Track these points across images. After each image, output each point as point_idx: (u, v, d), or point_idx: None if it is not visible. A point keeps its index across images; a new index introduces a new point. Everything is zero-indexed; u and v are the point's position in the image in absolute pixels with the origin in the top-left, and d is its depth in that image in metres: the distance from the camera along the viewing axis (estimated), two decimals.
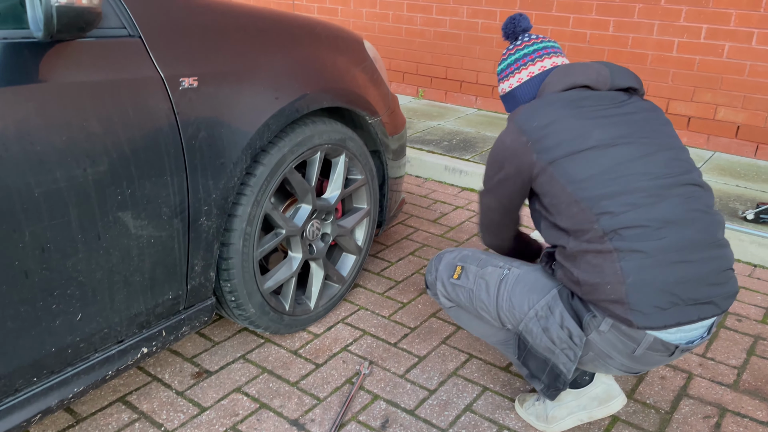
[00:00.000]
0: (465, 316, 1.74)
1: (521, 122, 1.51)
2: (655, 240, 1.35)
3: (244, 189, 1.74)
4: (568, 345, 1.49)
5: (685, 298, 1.36)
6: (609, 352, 1.48)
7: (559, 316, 1.50)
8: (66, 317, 1.39)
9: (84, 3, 1.15)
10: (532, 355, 1.56)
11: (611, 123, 1.45)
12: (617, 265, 1.35)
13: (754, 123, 3.63)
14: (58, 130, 1.27)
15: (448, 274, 1.72)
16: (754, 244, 2.64)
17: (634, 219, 1.36)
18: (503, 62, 1.72)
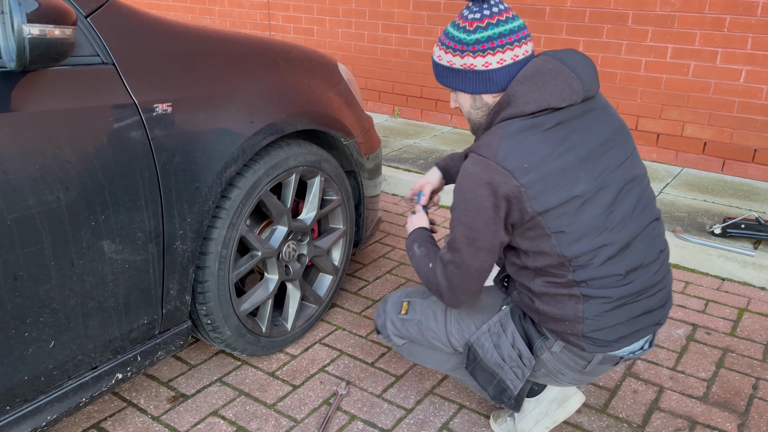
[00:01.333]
0: (417, 350, 1.74)
1: (508, 163, 1.31)
2: (621, 287, 1.39)
3: (220, 212, 1.75)
4: (518, 364, 1.53)
5: (635, 329, 1.44)
6: (561, 369, 1.52)
7: (510, 335, 1.53)
8: (39, 345, 1.38)
9: (57, 34, 1.16)
10: (481, 368, 1.59)
11: (593, 161, 1.37)
12: (579, 307, 1.39)
13: (720, 139, 3.74)
14: (31, 157, 1.28)
15: (396, 311, 1.73)
16: (721, 258, 2.71)
17: (607, 271, 1.37)
18: (481, 31, 1.38)
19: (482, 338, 1.57)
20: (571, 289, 1.39)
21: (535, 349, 1.51)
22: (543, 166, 1.32)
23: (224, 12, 5.94)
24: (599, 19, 3.90)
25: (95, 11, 1.45)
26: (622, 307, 1.40)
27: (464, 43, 1.40)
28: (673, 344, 2.22)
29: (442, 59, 1.46)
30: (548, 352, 1.49)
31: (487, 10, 1.38)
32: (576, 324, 1.41)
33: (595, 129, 1.40)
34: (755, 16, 3.43)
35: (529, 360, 1.52)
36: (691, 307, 2.47)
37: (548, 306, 1.43)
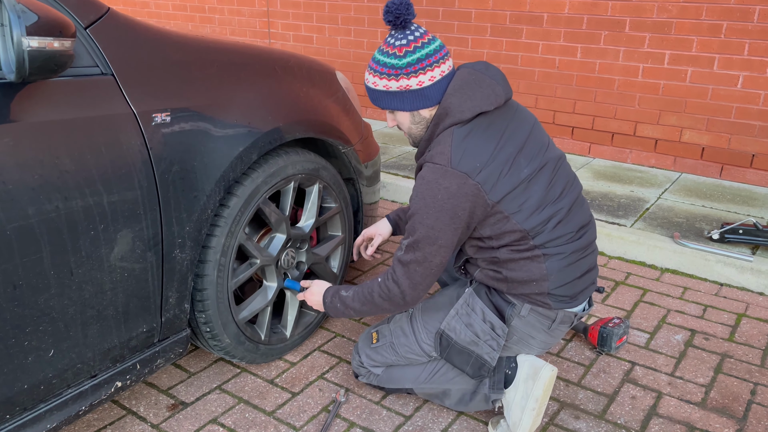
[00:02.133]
0: (395, 372, 1.85)
1: (462, 166, 1.51)
2: (573, 242, 1.65)
3: (218, 220, 1.76)
4: (491, 336, 1.69)
5: (584, 286, 1.71)
6: (530, 332, 1.72)
7: (480, 311, 1.70)
8: (38, 353, 1.39)
9: (56, 46, 1.18)
10: (456, 350, 1.72)
11: (527, 148, 1.60)
12: (543, 266, 1.62)
13: (718, 145, 3.75)
14: (30, 167, 1.29)
15: (367, 344, 1.88)
16: (719, 264, 2.72)
17: (561, 232, 1.62)
18: (410, 55, 1.55)
19: (452, 322, 1.72)
20: (533, 252, 1.60)
21: (507, 318, 1.69)
22: (491, 161, 1.53)
23: (224, 20, 5.97)
24: (597, 25, 3.92)
25: (94, 23, 1.46)
26: (575, 263, 1.65)
27: (397, 67, 1.56)
28: (672, 350, 2.22)
29: (377, 85, 1.62)
30: (518, 318, 1.69)
31: (411, 35, 1.56)
32: (542, 282, 1.62)
33: (519, 123, 1.63)
34: (752, 22, 3.45)
35: (502, 329, 1.69)
36: (689, 313, 2.47)
37: (515, 272, 1.63)
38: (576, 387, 2.01)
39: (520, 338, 1.73)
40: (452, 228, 1.55)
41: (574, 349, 2.21)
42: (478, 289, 1.74)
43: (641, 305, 2.53)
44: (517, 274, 1.63)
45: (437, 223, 1.54)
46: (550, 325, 1.72)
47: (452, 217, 1.53)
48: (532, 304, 1.67)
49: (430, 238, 1.56)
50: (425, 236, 1.56)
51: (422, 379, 1.82)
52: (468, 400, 1.79)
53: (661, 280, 2.74)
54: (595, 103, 4.09)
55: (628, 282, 2.72)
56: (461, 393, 1.80)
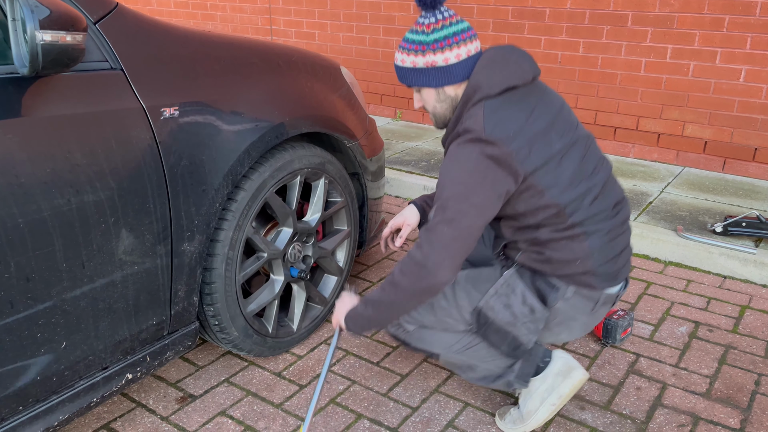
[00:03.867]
0: (427, 334, 1.77)
1: (495, 134, 1.48)
2: (611, 219, 1.63)
3: (226, 214, 1.78)
4: (530, 319, 1.67)
5: (622, 264, 1.69)
6: (574, 314, 1.69)
7: (520, 294, 1.67)
8: (51, 345, 1.41)
9: (68, 40, 1.19)
10: (493, 328, 1.70)
11: (558, 124, 1.59)
12: (585, 244, 1.60)
13: (720, 138, 3.76)
14: (42, 162, 1.30)
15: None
16: (723, 256, 2.73)
17: (597, 209, 1.60)
18: (438, 32, 1.56)
19: (491, 301, 1.69)
20: (573, 230, 1.58)
21: (550, 302, 1.66)
22: (523, 132, 1.51)
23: (226, 17, 5.98)
24: (599, 20, 3.93)
25: (103, 18, 1.47)
26: (614, 240, 1.64)
27: (425, 43, 1.57)
28: (676, 341, 2.24)
29: (405, 62, 1.62)
30: (562, 301, 1.65)
31: (439, 15, 1.57)
32: (586, 261, 1.60)
33: (548, 100, 1.62)
34: (754, 16, 3.45)
35: (542, 313, 1.67)
36: (693, 305, 2.48)
37: (558, 252, 1.61)
38: None
39: (563, 321, 1.70)
40: (484, 189, 1.49)
41: (579, 341, 2.23)
42: (522, 271, 1.69)
43: (645, 298, 2.54)
44: (560, 254, 1.60)
45: (470, 179, 1.49)
46: (593, 307, 1.68)
47: (484, 177, 1.49)
48: (576, 285, 1.63)
49: (461, 195, 1.49)
50: (456, 193, 1.49)
51: (454, 349, 1.75)
52: (491, 380, 1.77)
53: (665, 273, 2.75)
54: (597, 97, 4.10)
55: (632, 275, 2.73)
56: (486, 372, 1.77)
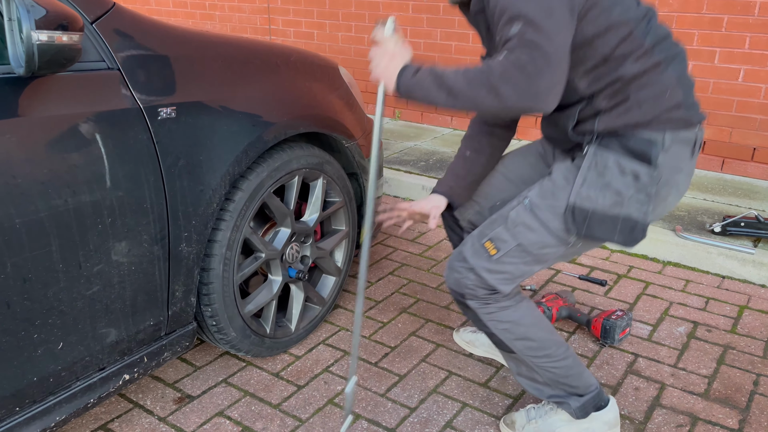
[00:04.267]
0: (530, 330, 1.62)
1: None
2: (675, 47, 1.46)
3: (224, 214, 1.77)
4: (636, 188, 1.45)
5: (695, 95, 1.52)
6: (677, 165, 1.48)
7: (615, 165, 1.45)
8: (47, 346, 1.40)
9: (64, 40, 1.19)
10: (597, 220, 1.47)
11: None
12: (668, 73, 1.43)
13: (719, 138, 3.76)
14: (39, 162, 1.30)
15: (485, 258, 1.56)
16: (721, 256, 2.73)
17: (663, 32, 1.45)
18: None
19: (583, 191, 1.47)
20: (653, 57, 1.41)
21: (652, 159, 1.44)
22: None
23: (225, 17, 5.97)
24: None
25: (100, 17, 1.47)
26: (685, 66, 1.48)
27: None
28: (674, 342, 2.23)
29: None
30: (663, 153, 1.45)
31: None
32: (675, 91, 1.43)
33: None
34: (753, 16, 3.45)
35: (649, 175, 1.45)
36: (691, 305, 2.48)
37: (645, 89, 1.42)
38: None
39: (667, 180, 1.48)
40: (560, 3, 1.29)
41: (577, 342, 2.23)
42: (605, 142, 1.47)
43: (644, 298, 2.54)
44: (647, 91, 1.42)
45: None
46: (692, 152, 1.50)
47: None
48: (672, 128, 1.44)
49: (545, 11, 1.26)
50: (536, 9, 1.26)
51: (556, 355, 1.63)
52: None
53: (664, 273, 2.75)
54: None
55: (630, 275, 2.73)
56: (552, 393, 1.70)
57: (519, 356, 1.65)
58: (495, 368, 2.08)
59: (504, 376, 2.04)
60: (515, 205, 1.57)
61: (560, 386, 1.67)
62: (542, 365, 1.64)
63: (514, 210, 1.56)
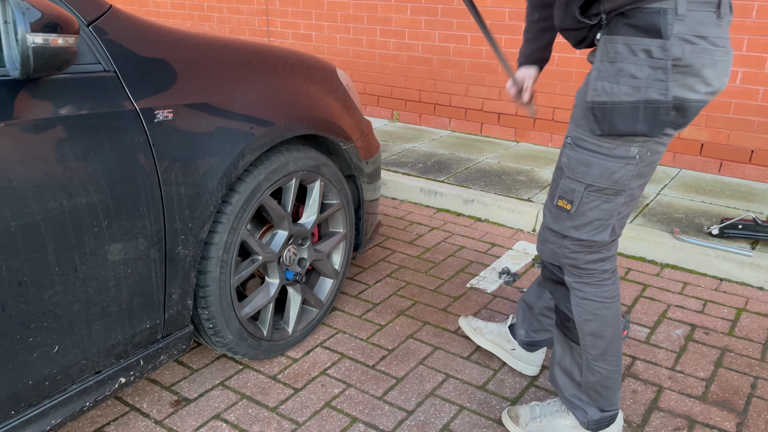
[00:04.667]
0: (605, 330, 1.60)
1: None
2: None
3: (221, 217, 1.77)
4: (652, 67, 1.34)
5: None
6: (699, 30, 1.33)
7: (624, 47, 1.36)
8: (43, 350, 1.40)
9: (60, 43, 1.18)
10: (617, 113, 1.39)
11: None
12: None
13: (717, 141, 3.76)
14: (34, 165, 1.30)
15: (564, 217, 1.53)
16: (719, 259, 2.73)
17: None
18: None
19: (597, 86, 1.41)
20: None
21: (665, 31, 1.32)
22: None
23: (223, 18, 5.97)
24: None
25: (97, 20, 1.47)
26: None
27: None
28: (672, 344, 2.23)
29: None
30: (677, 21, 1.32)
31: None
32: None
33: None
34: (750, 18, 3.45)
35: (662, 48, 1.33)
36: (689, 308, 2.48)
37: None
38: None
39: (692, 50, 1.34)
40: None
41: None
42: (612, 27, 1.38)
43: (641, 300, 2.54)
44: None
45: None
46: (717, 14, 1.34)
47: None
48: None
49: None
50: None
51: (612, 364, 1.61)
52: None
53: (661, 276, 2.75)
54: None
55: (628, 277, 2.73)
56: (576, 395, 1.69)
57: (576, 350, 1.62)
58: (493, 371, 2.08)
59: (502, 379, 2.04)
60: (561, 154, 1.54)
61: (591, 392, 1.65)
62: (594, 366, 1.61)
63: (564, 156, 1.52)
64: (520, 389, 1.99)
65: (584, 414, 1.66)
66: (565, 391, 1.70)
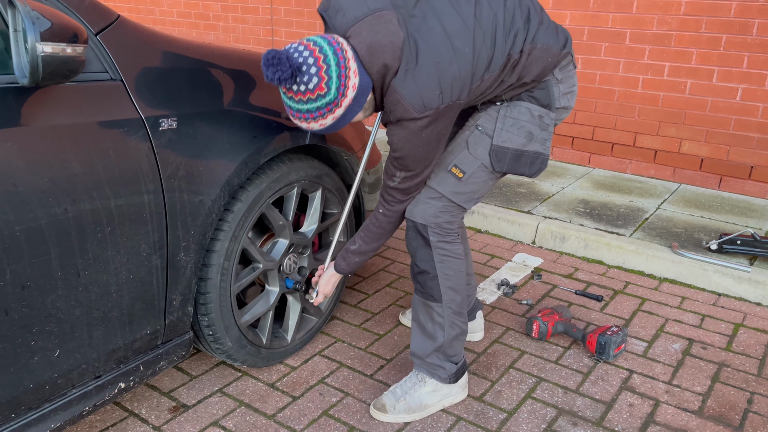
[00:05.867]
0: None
1: (428, 101, 1.52)
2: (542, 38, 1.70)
3: (222, 225, 1.79)
4: (541, 126, 1.76)
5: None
6: (572, 81, 1.79)
7: (526, 111, 1.73)
8: (44, 354, 1.41)
9: (69, 52, 1.21)
10: (513, 157, 1.75)
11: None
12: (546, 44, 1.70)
13: (717, 156, 3.78)
14: (40, 170, 1.32)
15: (451, 182, 1.77)
16: (717, 274, 2.74)
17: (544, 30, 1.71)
18: (330, 85, 1.48)
19: (502, 135, 1.74)
20: (532, 44, 1.66)
21: (552, 96, 1.73)
22: (442, 77, 1.56)
23: (228, 28, 6.02)
24: (597, 37, 3.96)
25: (104, 29, 1.49)
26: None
27: (331, 102, 1.51)
28: (669, 358, 2.24)
29: (325, 124, 1.57)
30: (555, 86, 1.74)
31: (309, 81, 1.48)
32: (555, 47, 1.69)
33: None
34: (750, 35, 3.48)
35: (548, 116, 1.75)
36: (687, 322, 2.49)
37: (532, 65, 1.66)
38: (574, 394, 2.03)
39: (568, 90, 1.78)
40: (442, 146, 1.68)
41: (572, 357, 2.23)
42: (514, 99, 1.74)
43: (639, 314, 2.55)
44: (535, 66, 1.66)
45: (428, 147, 1.64)
46: (572, 67, 1.78)
47: (442, 135, 1.64)
48: (561, 68, 1.72)
49: (429, 163, 1.70)
50: (424, 161, 1.67)
51: (464, 317, 1.89)
52: (428, 355, 1.90)
53: (660, 290, 2.76)
54: (595, 113, 4.13)
55: (626, 291, 2.74)
56: (432, 362, 1.91)
57: (437, 309, 1.84)
58: (490, 382, 2.09)
59: (499, 390, 2.04)
60: (469, 134, 1.79)
61: (448, 349, 1.88)
62: (455, 321, 1.85)
63: (472, 135, 1.78)
64: (517, 401, 1.99)
65: (444, 371, 1.90)
66: (426, 358, 1.90)
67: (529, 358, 2.23)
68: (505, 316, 2.51)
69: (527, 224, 3.24)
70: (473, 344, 2.30)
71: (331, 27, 1.59)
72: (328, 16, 1.60)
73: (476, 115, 1.80)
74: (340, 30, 1.56)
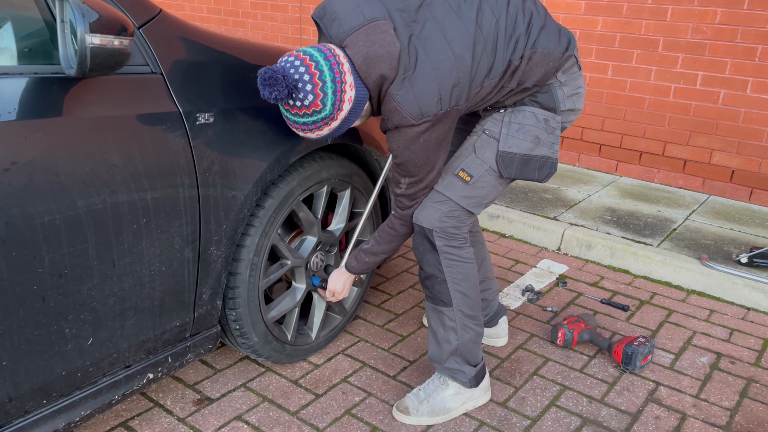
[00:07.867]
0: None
1: (425, 109, 1.53)
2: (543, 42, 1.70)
3: (253, 220, 1.80)
4: (547, 130, 1.74)
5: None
6: (578, 83, 1.77)
7: (531, 115, 1.72)
8: (77, 341, 1.43)
9: (116, 44, 1.22)
10: (521, 162, 1.74)
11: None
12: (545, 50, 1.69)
13: (748, 168, 3.72)
14: (81, 161, 1.33)
15: (459, 186, 1.76)
16: (747, 288, 2.69)
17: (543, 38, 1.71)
18: (317, 113, 1.53)
19: (508, 141, 1.73)
20: (532, 48, 1.65)
21: (556, 100, 1.72)
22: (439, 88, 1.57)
23: (257, 25, 6.06)
24: (629, 44, 3.92)
25: (147, 23, 1.51)
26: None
27: (326, 116, 1.54)
28: (697, 372, 2.21)
29: (322, 134, 1.60)
30: (559, 89, 1.73)
31: (305, 98, 1.50)
32: (556, 52, 1.69)
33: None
34: None
35: (554, 119, 1.74)
36: (715, 336, 2.45)
37: (533, 70, 1.66)
38: (599, 404, 2.01)
39: (573, 92, 1.77)
40: (444, 151, 1.67)
41: (597, 366, 2.21)
42: (518, 104, 1.73)
43: (666, 326, 2.51)
44: (536, 71, 1.66)
45: (431, 156, 1.64)
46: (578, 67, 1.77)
47: (442, 141, 1.63)
48: (564, 71, 1.71)
49: (435, 170, 1.69)
50: (429, 171, 1.68)
51: (478, 319, 1.87)
52: (446, 360, 1.89)
53: (687, 302, 2.72)
54: (624, 121, 4.08)
55: (653, 302, 2.71)
56: (450, 365, 1.89)
57: (448, 313, 1.82)
58: (514, 388, 2.07)
59: (523, 397, 2.03)
60: (476, 138, 1.78)
61: (465, 352, 1.86)
62: (468, 324, 1.83)
63: (479, 140, 1.77)
64: (541, 408, 1.98)
65: (464, 375, 1.89)
66: (444, 363, 1.88)
67: (554, 365, 2.21)
68: (529, 322, 2.49)
69: (553, 230, 3.21)
70: (497, 349, 2.29)
71: (327, 35, 1.59)
72: (323, 24, 1.60)
73: (483, 120, 1.80)
74: (336, 39, 1.56)
